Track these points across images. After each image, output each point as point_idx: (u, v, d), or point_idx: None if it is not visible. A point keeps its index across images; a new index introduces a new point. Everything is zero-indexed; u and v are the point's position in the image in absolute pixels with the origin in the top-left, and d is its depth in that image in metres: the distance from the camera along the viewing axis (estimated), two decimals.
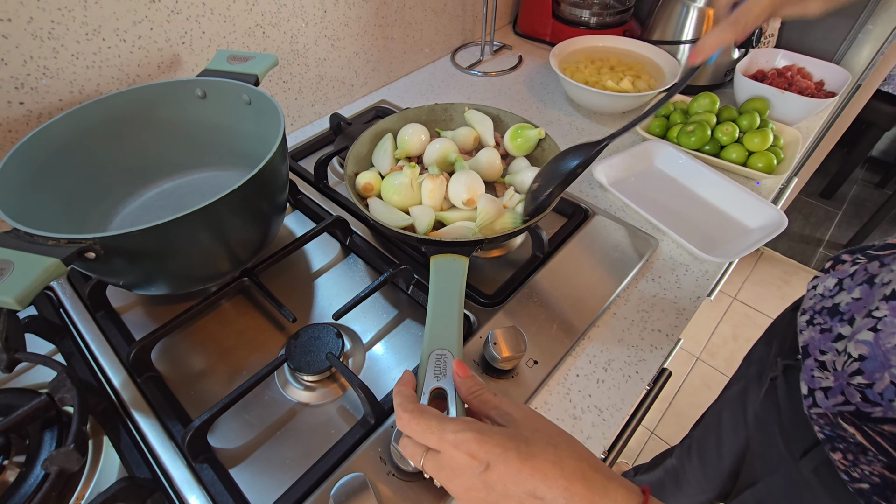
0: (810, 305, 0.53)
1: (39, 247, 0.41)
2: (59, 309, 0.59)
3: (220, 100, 0.62)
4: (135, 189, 0.64)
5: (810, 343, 0.50)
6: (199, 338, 0.56)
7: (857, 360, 0.43)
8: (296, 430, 0.49)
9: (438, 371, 0.40)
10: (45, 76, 0.56)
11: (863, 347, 0.42)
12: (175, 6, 0.62)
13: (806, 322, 0.52)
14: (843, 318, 0.46)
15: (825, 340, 0.47)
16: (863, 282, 0.46)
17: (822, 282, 0.53)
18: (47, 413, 0.46)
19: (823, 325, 0.49)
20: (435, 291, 0.48)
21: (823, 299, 0.51)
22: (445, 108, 0.69)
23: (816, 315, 0.51)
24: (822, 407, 0.46)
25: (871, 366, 0.42)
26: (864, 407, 0.42)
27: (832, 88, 0.86)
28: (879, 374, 0.41)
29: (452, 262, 0.50)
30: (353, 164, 0.62)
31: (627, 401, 0.51)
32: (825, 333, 0.48)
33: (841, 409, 0.44)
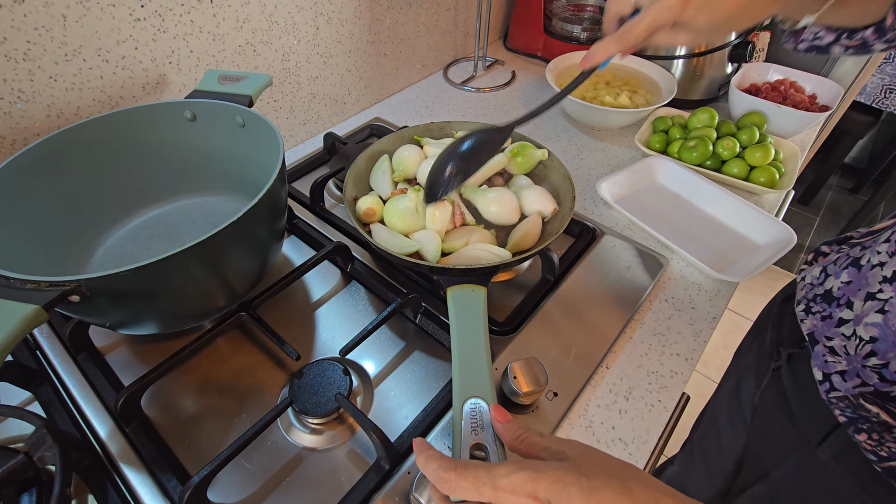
0: (803, 295, 0.55)
1: (16, 291, 0.37)
2: (36, 351, 0.54)
3: (210, 122, 0.58)
4: (119, 217, 0.60)
5: (815, 330, 0.51)
6: (192, 378, 0.52)
7: (870, 343, 0.44)
8: (303, 478, 0.45)
9: (476, 424, 0.37)
10: (19, 100, 0.52)
11: (873, 329, 0.44)
12: (161, 24, 0.59)
13: (804, 311, 0.53)
14: (840, 303, 0.48)
15: (828, 327, 0.49)
16: (848, 265, 0.48)
17: (808, 272, 0.55)
18: (24, 474, 0.41)
19: (822, 312, 0.50)
20: (458, 330, 0.44)
21: (814, 287, 0.53)
22: (442, 127, 0.67)
23: (812, 303, 0.52)
24: (840, 390, 0.47)
25: (883, 346, 0.43)
26: (882, 387, 0.43)
27: (825, 102, 0.87)
28: (893, 353, 0.42)
29: (471, 293, 0.47)
30: (353, 187, 0.59)
31: (653, 432, 0.49)
32: (826, 320, 0.49)
33: (861, 391, 0.45)
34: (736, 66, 0.92)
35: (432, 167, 0.55)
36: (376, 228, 0.56)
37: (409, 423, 0.48)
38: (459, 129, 0.67)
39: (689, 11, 0.41)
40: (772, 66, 0.92)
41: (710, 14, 0.42)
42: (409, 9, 0.91)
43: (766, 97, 0.87)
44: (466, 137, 0.54)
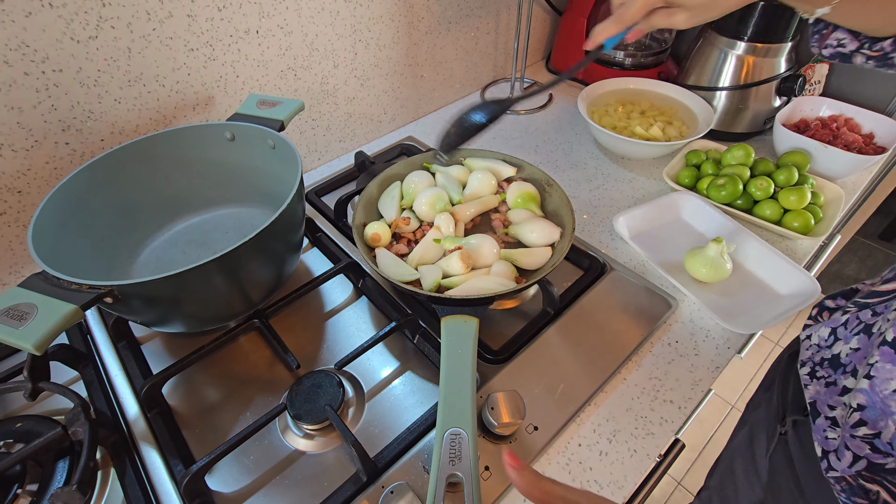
0: (808, 357, 0.52)
1: (63, 291, 0.43)
2: (87, 335, 0.62)
3: (247, 143, 0.64)
4: (164, 223, 0.68)
5: (817, 399, 0.49)
6: (212, 372, 0.58)
7: (857, 410, 0.42)
8: (291, 478, 0.49)
9: (454, 454, 0.39)
10: (89, 119, 0.60)
11: (860, 396, 0.42)
12: (212, 53, 0.66)
13: (808, 375, 0.51)
14: (846, 370, 0.46)
15: (831, 394, 0.47)
16: (859, 331, 0.46)
17: (815, 331, 0.52)
18: (61, 444, 0.48)
19: (828, 378, 0.48)
20: (447, 361, 0.47)
21: (821, 350, 0.51)
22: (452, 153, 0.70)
23: (818, 367, 0.50)
24: (837, 470, 0.45)
25: (872, 414, 0.41)
26: (875, 458, 0.41)
27: (883, 143, 0.81)
28: (883, 422, 0.40)
29: (463, 324, 0.50)
30: (362, 213, 0.63)
31: (630, 478, 0.49)
32: (830, 387, 0.48)
33: (857, 470, 0.43)
34: (785, 100, 0.87)
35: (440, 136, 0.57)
36: (381, 254, 0.59)
37: (391, 440, 0.51)
38: (468, 157, 0.69)
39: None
40: (826, 101, 0.87)
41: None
42: (448, 33, 0.94)
43: (815, 134, 0.82)
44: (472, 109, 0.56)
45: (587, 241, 0.73)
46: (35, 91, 0.55)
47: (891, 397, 0.40)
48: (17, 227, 0.61)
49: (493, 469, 0.48)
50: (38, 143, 0.58)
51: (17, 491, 0.46)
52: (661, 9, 0.47)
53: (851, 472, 0.43)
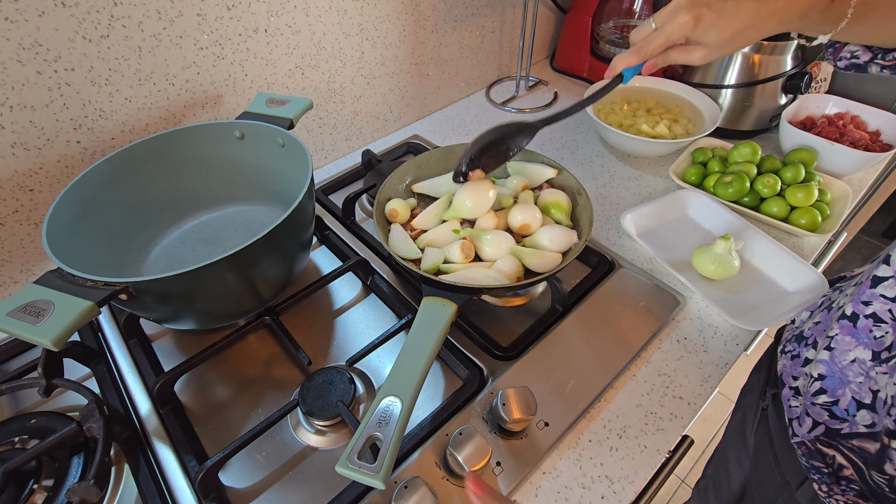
0: (786, 337, 0.57)
1: (78, 288, 0.44)
2: (98, 333, 0.62)
3: (256, 141, 0.65)
4: (174, 221, 0.68)
5: (783, 371, 0.52)
6: (223, 369, 0.59)
7: (818, 380, 0.45)
8: (304, 474, 0.50)
9: (383, 419, 0.41)
10: (100, 118, 0.61)
11: (821, 367, 0.45)
12: (221, 52, 0.66)
13: (780, 351, 0.56)
14: (808, 343, 0.50)
15: (795, 366, 0.50)
16: (823, 307, 0.51)
17: (798, 316, 0.57)
18: (76, 440, 0.49)
19: (793, 351, 0.52)
20: (413, 335, 0.49)
21: (796, 329, 0.55)
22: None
23: (787, 343, 0.55)
24: (798, 435, 0.48)
25: (831, 383, 0.44)
26: (833, 424, 0.44)
27: (889, 140, 0.81)
28: (841, 390, 0.43)
29: (441, 306, 0.51)
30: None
31: (641, 474, 0.49)
32: (794, 360, 0.51)
33: (816, 435, 0.46)
34: (791, 98, 0.87)
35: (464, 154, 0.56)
36: (395, 228, 0.60)
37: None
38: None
39: (700, 29, 0.47)
40: (832, 99, 0.87)
41: (719, 31, 0.46)
42: (454, 31, 0.94)
43: (822, 132, 0.82)
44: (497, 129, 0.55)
45: (595, 238, 0.73)
46: (48, 90, 0.55)
47: (848, 367, 0.43)
48: (28, 226, 0.62)
49: (504, 465, 0.48)
50: (51, 141, 0.58)
51: (34, 486, 0.46)
52: (680, 45, 0.49)
53: (811, 436, 0.46)
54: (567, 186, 0.66)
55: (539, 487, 0.48)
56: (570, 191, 0.66)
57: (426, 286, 0.54)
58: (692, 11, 0.46)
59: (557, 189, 0.66)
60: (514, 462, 0.49)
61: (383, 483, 0.38)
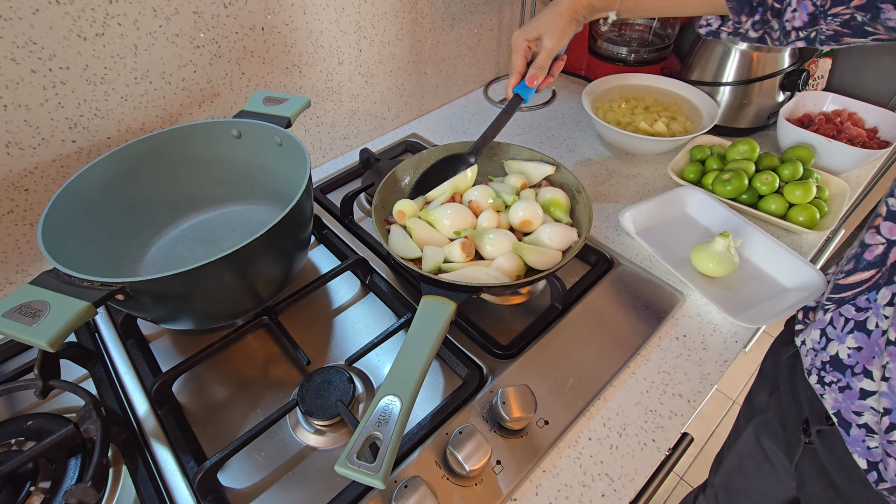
0: (810, 363, 0.52)
1: (74, 288, 0.43)
2: (95, 334, 0.62)
3: (253, 140, 0.64)
4: (171, 221, 0.68)
5: (840, 408, 0.48)
6: (221, 369, 0.58)
7: (886, 415, 0.42)
8: (303, 474, 0.50)
9: (382, 418, 0.41)
10: (96, 117, 0.60)
11: (885, 400, 0.42)
12: (218, 50, 0.66)
13: (818, 383, 0.50)
14: (855, 371, 0.46)
15: (851, 399, 0.46)
16: (852, 329, 0.46)
17: (807, 336, 0.53)
18: (73, 441, 0.48)
19: (838, 382, 0.48)
20: (412, 333, 0.49)
21: (818, 353, 0.50)
22: (490, 146, 0.70)
23: (823, 373, 0.50)
24: (887, 481, 0.44)
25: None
26: None
27: (887, 137, 0.81)
28: None
29: (440, 305, 0.51)
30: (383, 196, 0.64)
31: (641, 471, 0.49)
32: (846, 391, 0.47)
33: None
34: (788, 95, 0.88)
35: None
36: (395, 229, 0.60)
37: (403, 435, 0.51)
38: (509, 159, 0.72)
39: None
40: (829, 96, 0.87)
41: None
42: (452, 30, 0.94)
43: (819, 129, 0.82)
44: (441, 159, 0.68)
45: (594, 236, 0.73)
46: (42, 88, 0.55)
47: None
48: (24, 226, 0.61)
49: (504, 464, 0.48)
50: (46, 140, 0.58)
51: (30, 488, 0.46)
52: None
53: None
54: (566, 184, 0.66)
55: (539, 486, 0.48)
56: (568, 189, 0.66)
57: (425, 285, 0.54)
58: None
59: (556, 187, 0.66)
60: (515, 461, 0.49)
61: (383, 483, 0.38)
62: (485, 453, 0.45)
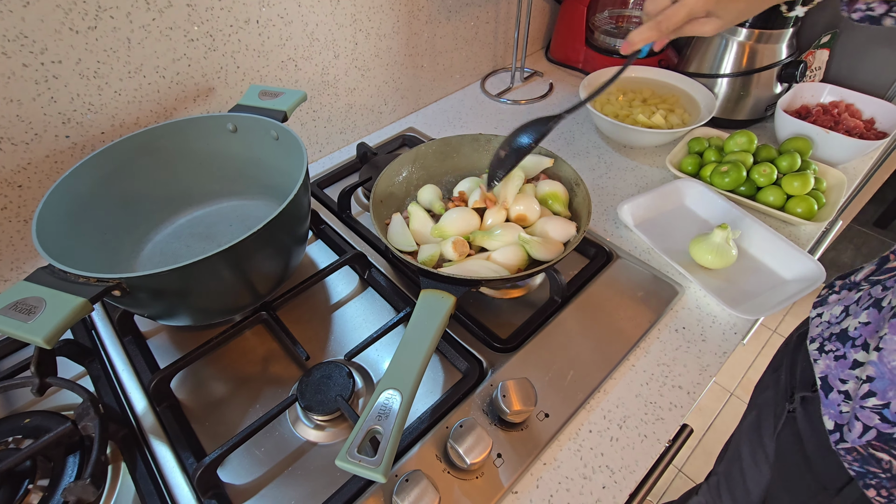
0: (818, 333, 0.53)
1: (70, 285, 0.43)
2: (92, 331, 0.61)
3: (249, 134, 0.64)
4: (167, 216, 0.67)
5: (828, 373, 0.49)
6: (219, 365, 0.58)
7: (867, 382, 0.43)
8: (304, 469, 0.49)
9: (382, 412, 0.41)
10: (89, 111, 0.59)
11: (869, 368, 0.43)
12: (212, 44, 0.65)
13: (817, 350, 0.52)
14: (856, 343, 0.47)
15: (842, 368, 0.48)
16: (869, 306, 0.47)
17: (827, 309, 0.53)
18: (71, 439, 0.48)
19: (836, 351, 0.49)
20: (412, 327, 0.48)
21: (831, 326, 0.51)
22: (489, 140, 0.70)
23: (826, 342, 0.51)
24: (847, 441, 0.46)
25: (881, 385, 0.42)
26: (885, 428, 0.42)
27: (884, 128, 0.81)
28: (892, 392, 0.41)
29: (439, 299, 0.51)
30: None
31: (642, 463, 0.49)
32: (840, 360, 0.48)
33: (867, 440, 0.44)
34: (786, 86, 0.87)
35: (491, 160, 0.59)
36: (395, 220, 0.60)
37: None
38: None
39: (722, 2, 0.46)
40: (827, 87, 0.87)
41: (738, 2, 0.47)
42: (448, 22, 0.93)
43: (817, 120, 0.82)
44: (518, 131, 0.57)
45: (592, 229, 0.73)
46: (34, 83, 0.54)
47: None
48: (17, 223, 0.61)
49: (505, 457, 0.48)
50: (38, 136, 0.57)
51: (29, 486, 0.45)
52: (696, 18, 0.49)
53: (862, 442, 0.44)
54: (564, 177, 0.66)
55: (540, 478, 0.48)
56: (567, 182, 0.65)
57: (424, 279, 0.53)
58: None
59: (555, 180, 0.66)
60: (515, 454, 0.49)
61: (384, 476, 0.37)
62: (485, 446, 0.45)
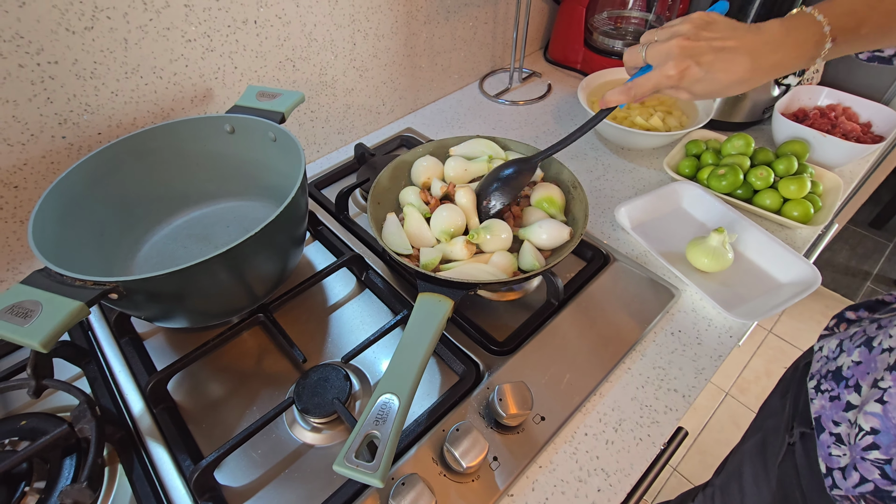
0: (817, 369, 0.53)
1: (67, 288, 0.43)
2: (88, 332, 0.61)
3: (247, 135, 0.64)
4: (164, 217, 0.67)
5: (822, 414, 0.49)
6: (217, 367, 0.58)
7: (870, 434, 0.42)
8: (300, 471, 0.50)
9: (380, 416, 0.41)
10: (86, 112, 0.59)
11: (873, 420, 0.42)
12: (210, 44, 0.65)
13: (815, 388, 0.52)
14: (849, 384, 0.47)
15: (836, 409, 0.48)
16: (861, 344, 0.47)
17: (826, 343, 0.54)
18: (68, 441, 0.48)
19: (831, 391, 0.49)
20: (409, 331, 0.49)
21: (828, 362, 0.51)
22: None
23: (823, 380, 0.51)
24: (841, 489, 0.45)
25: (885, 440, 0.41)
26: (883, 485, 0.42)
27: (880, 132, 0.81)
28: (895, 448, 0.41)
29: (437, 302, 0.51)
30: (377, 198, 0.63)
31: (637, 466, 0.50)
32: (834, 402, 0.48)
33: (861, 492, 0.43)
34: (783, 89, 0.88)
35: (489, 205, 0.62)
36: (390, 220, 0.61)
37: None
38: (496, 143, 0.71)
39: (686, 82, 0.47)
40: (825, 90, 0.87)
41: (706, 86, 0.47)
42: (447, 23, 0.93)
43: (814, 124, 0.82)
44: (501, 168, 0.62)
45: (589, 231, 0.73)
46: (30, 83, 0.54)
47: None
48: (14, 224, 0.60)
49: (501, 460, 0.49)
50: (35, 137, 0.57)
51: (25, 489, 0.45)
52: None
53: (856, 492, 0.44)
54: (561, 180, 0.66)
55: (536, 481, 0.49)
56: (564, 184, 0.65)
57: (422, 282, 0.53)
58: (680, 65, 0.45)
59: (551, 183, 0.66)
60: (511, 457, 0.49)
61: (381, 482, 0.38)
62: (481, 450, 0.46)
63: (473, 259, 0.58)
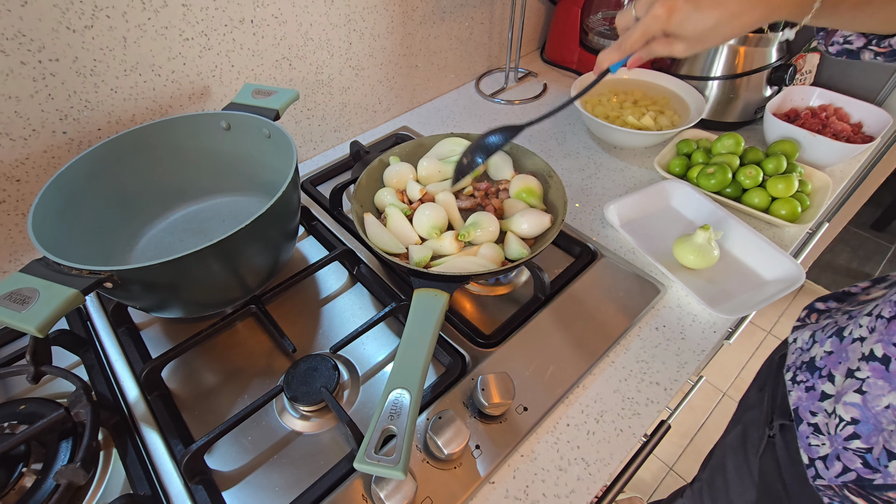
0: (793, 360, 0.54)
1: (63, 276, 0.44)
2: (87, 321, 0.63)
3: (242, 132, 0.65)
4: (161, 212, 0.69)
5: (799, 405, 0.50)
6: (210, 356, 0.60)
7: (851, 424, 0.43)
8: (288, 457, 0.51)
9: (394, 411, 0.42)
10: (86, 108, 0.61)
11: (853, 410, 0.43)
12: (207, 43, 0.67)
13: (791, 380, 0.53)
14: (822, 374, 0.48)
15: (812, 400, 0.48)
16: (832, 334, 0.48)
17: (799, 334, 0.54)
18: (64, 425, 0.50)
19: (806, 382, 0.50)
20: (410, 326, 0.50)
21: (802, 353, 0.52)
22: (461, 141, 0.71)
23: (798, 371, 0.52)
24: (824, 478, 0.46)
25: (865, 429, 0.42)
26: (865, 473, 0.42)
27: (871, 132, 0.82)
28: (875, 437, 0.41)
29: (434, 297, 0.52)
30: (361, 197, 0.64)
31: (616, 456, 0.51)
32: (810, 392, 0.49)
33: (844, 481, 0.44)
34: (776, 90, 0.88)
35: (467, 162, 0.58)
36: (368, 221, 0.62)
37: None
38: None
39: (675, 20, 0.45)
40: (816, 91, 0.88)
41: (696, 23, 0.45)
42: (443, 23, 0.94)
43: (805, 124, 0.83)
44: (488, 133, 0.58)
45: (578, 228, 0.74)
46: (32, 80, 0.56)
47: (882, 413, 0.41)
48: (16, 216, 0.62)
49: (483, 448, 0.50)
50: (36, 132, 0.59)
51: (23, 469, 0.47)
52: (661, 38, 0.48)
53: (838, 482, 0.44)
54: (537, 171, 0.67)
55: (517, 469, 0.50)
56: (540, 175, 0.67)
57: (416, 279, 0.54)
58: (667, 2, 0.45)
59: (528, 174, 0.67)
60: (493, 445, 0.50)
61: (404, 473, 0.39)
62: (463, 438, 0.47)
63: (462, 252, 0.59)
